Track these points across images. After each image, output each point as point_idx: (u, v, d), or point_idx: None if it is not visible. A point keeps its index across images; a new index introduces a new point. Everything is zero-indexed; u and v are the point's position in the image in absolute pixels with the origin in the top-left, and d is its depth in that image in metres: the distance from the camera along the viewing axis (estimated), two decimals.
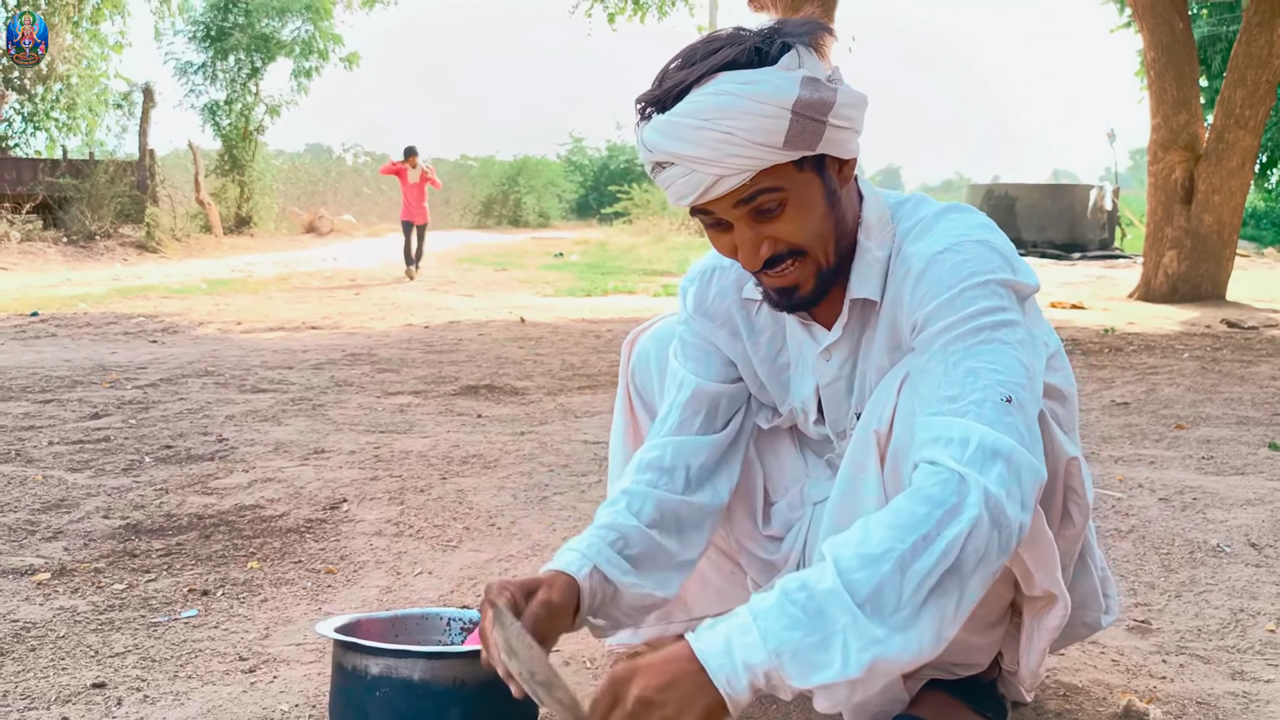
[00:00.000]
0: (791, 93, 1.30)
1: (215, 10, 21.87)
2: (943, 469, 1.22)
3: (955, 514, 1.18)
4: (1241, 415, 4.24)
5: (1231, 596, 2.24)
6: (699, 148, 1.31)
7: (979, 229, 1.41)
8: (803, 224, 1.38)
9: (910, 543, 1.16)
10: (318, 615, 2.11)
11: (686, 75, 1.33)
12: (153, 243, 17.69)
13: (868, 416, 1.44)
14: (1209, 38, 20.57)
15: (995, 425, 1.24)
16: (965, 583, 1.18)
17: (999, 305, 1.33)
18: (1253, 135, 9.54)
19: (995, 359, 1.29)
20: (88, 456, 3.40)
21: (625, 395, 1.83)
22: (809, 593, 1.16)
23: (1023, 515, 1.22)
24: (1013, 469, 1.22)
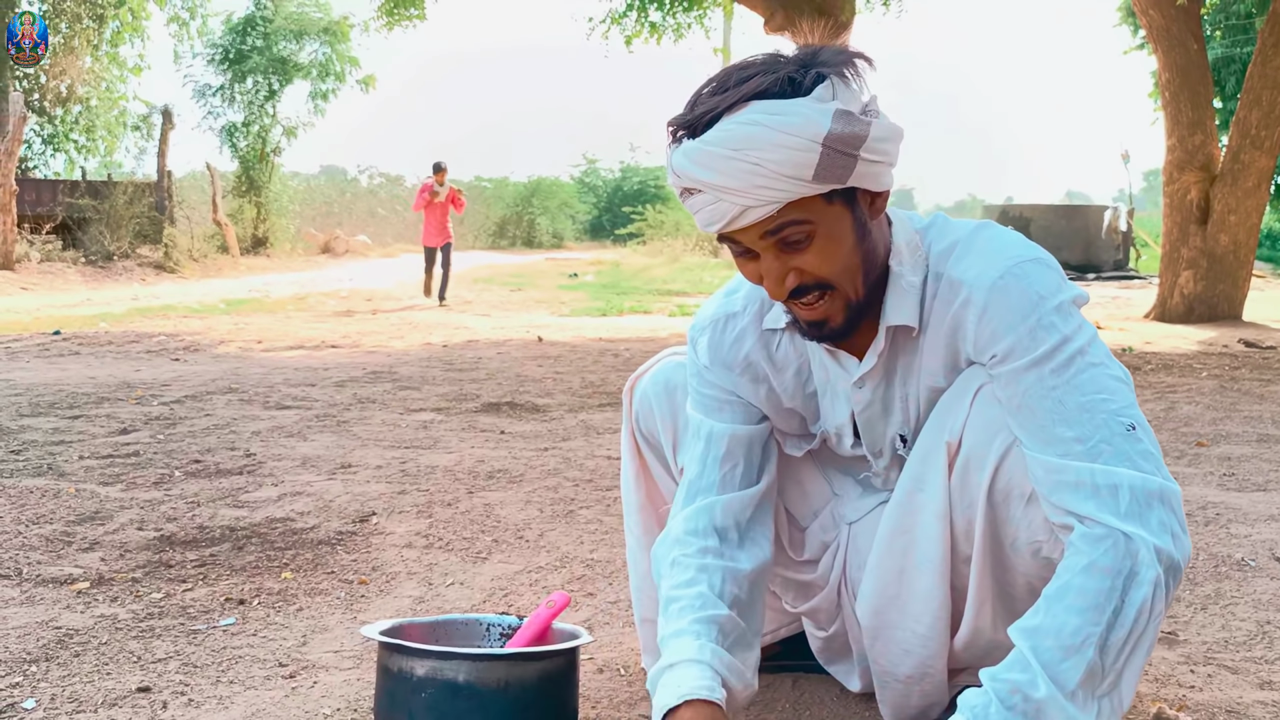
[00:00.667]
0: (823, 126, 1.28)
1: (234, 33, 22.09)
2: (1103, 529, 1.26)
3: (1134, 579, 1.24)
4: (1262, 433, 4.25)
5: (1258, 609, 2.26)
6: (726, 177, 1.30)
7: (1022, 246, 1.42)
8: (830, 257, 1.37)
9: (1104, 623, 1.23)
10: (354, 624, 2.14)
11: (719, 102, 1.31)
12: (170, 263, 17.83)
13: (937, 427, 1.44)
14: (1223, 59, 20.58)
15: (1135, 463, 1.28)
16: (1156, 633, 1.26)
17: (1077, 325, 1.34)
18: (1268, 156, 9.55)
19: (1099, 387, 1.31)
20: (118, 471, 3.44)
21: (631, 441, 1.80)
22: (1025, 698, 1.23)
23: (1186, 545, 1.28)
24: (1168, 505, 1.27)
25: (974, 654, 1.54)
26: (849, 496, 1.66)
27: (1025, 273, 1.36)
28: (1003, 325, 1.36)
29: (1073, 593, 1.25)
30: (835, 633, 1.73)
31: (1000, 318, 1.36)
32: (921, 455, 1.48)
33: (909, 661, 1.55)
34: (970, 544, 1.46)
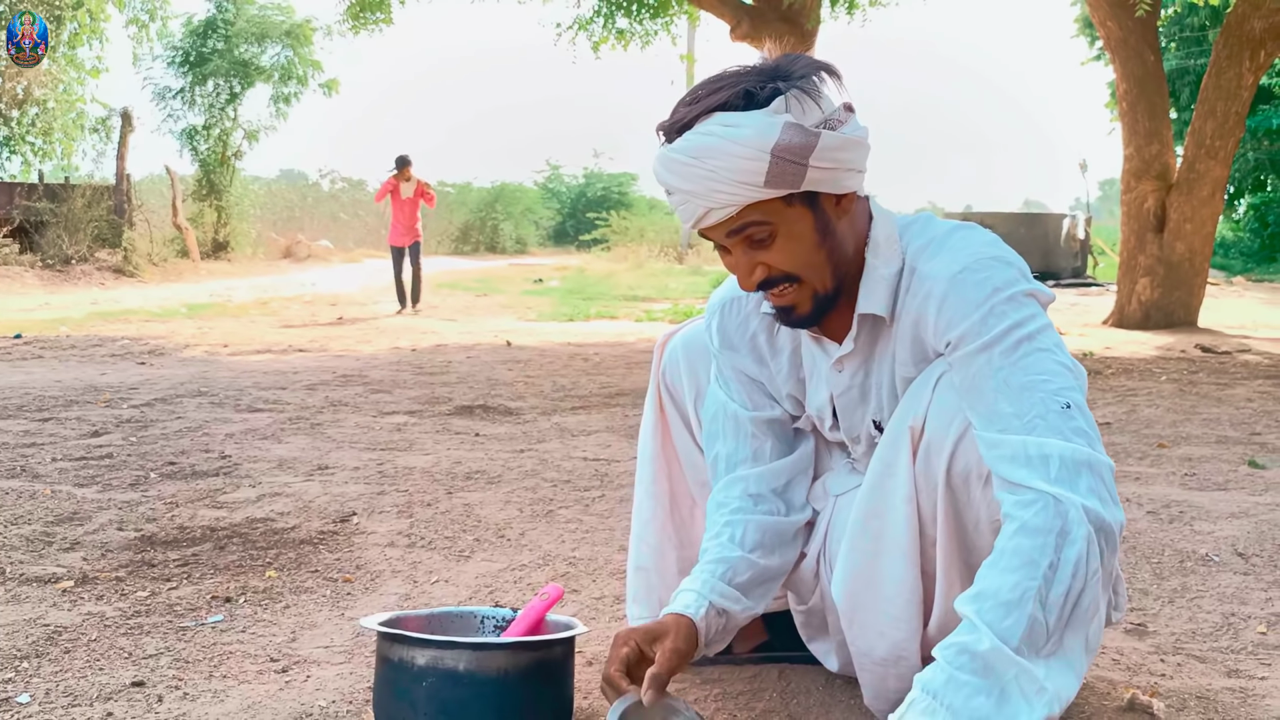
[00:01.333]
0: (771, 137, 1.38)
1: (194, 36, 21.88)
2: (1033, 494, 1.32)
3: (1067, 536, 1.29)
4: (1220, 435, 4.35)
5: (1222, 602, 2.33)
6: (689, 182, 1.42)
7: (990, 245, 1.50)
8: (792, 254, 1.47)
9: (1040, 577, 1.28)
10: (342, 620, 2.16)
11: (688, 112, 1.43)
12: (130, 267, 17.64)
13: (902, 413, 1.52)
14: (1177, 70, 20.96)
15: (1066, 435, 1.34)
16: (1096, 595, 1.30)
17: (1029, 314, 1.42)
18: (1222, 165, 9.75)
19: (1042, 369, 1.39)
20: (93, 472, 3.43)
21: (656, 393, 1.91)
22: (971, 655, 1.27)
23: (1117, 513, 1.33)
24: (1096, 474, 1.33)
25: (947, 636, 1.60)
26: (839, 471, 1.73)
27: (983, 267, 1.45)
28: (958, 314, 1.44)
29: (1007, 555, 1.31)
30: (814, 606, 1.78)
31: (956, 307, 1.44)
32: (889, 441, 1.54)
33: (883, 644, 1.60)
34: (936, 527, 1.53)
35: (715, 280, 16.83)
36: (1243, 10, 9.33)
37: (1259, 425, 4.58)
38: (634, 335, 9.05)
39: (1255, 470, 3.66)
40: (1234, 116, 9.62)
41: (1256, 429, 4.49)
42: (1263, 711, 1.76)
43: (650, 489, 1.92)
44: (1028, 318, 1.42)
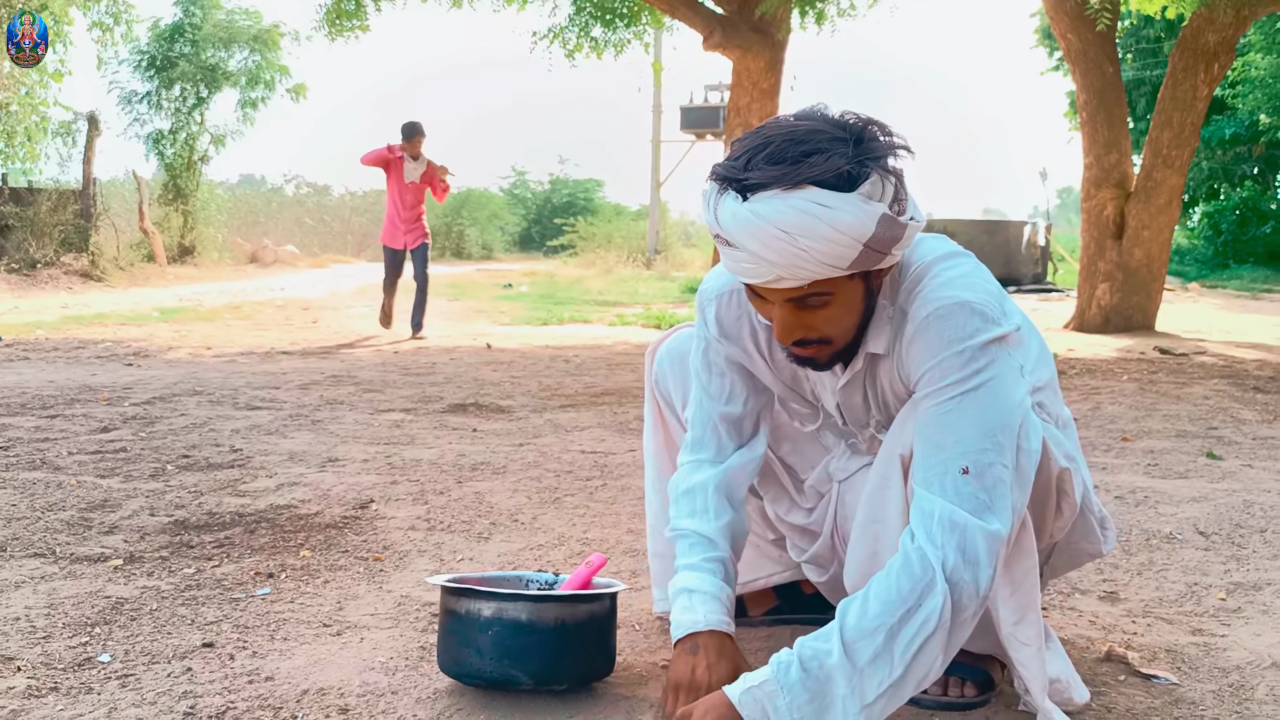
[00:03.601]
0: (869, 229, 1.44)
1: (161, 40, 21.84)
2: (916, 547, 1.51)
3: (931, 589, 1.48)
4: (1180, 429, 4.60)
5: (1186, 573, 2.55)
6: (770, 251, 1.45)
7: (958, 285, 1.58)
8: (838, 321, 1.58)
9: (898, 617, 1.48)
10: (380, 591, 2.32)
11: (776, 175, 1.43)
12: (97, 271, 17.60)
13: (892, 440, 1.67)
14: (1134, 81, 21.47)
15: (952, 498, 1.51)
16: (941, 644, 1.49)
17: (971, 372, 1.53)
18: (1179, 174, 10.07)
19: (960, 430, 1.52)
20: (111, 465, 3.56)
21: (652, 399, 2.10)
22: (820, 664, 1.48)
23: (977, 573, 1.49)
24: (965, 537, 1.49)
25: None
26: (839, 456, 1.92)
27: (947, 314, 1.55)
28: (919, 359, 1.58)
29: (884, 585, 1.50)
30: (834, 575, 1.97)
31: (918, 352, 1.58)
32: (885, 459, 1.71)
33: None
34: None
35: (684, 285, 17.05)
36: (1197, 24, 9.66)
37: (1216, 421, 4.83)
38: (610, 338, 9.22)
39: (1213, 461, 3.90)
40: (1189, 127, 9.95)
41: (1213, 424, 4.74)
42: (1224, 661, 1.97)
43: (657, 485, 2.11)
44: (971, 374, 1.52)
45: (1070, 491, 1.74)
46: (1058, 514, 1.76)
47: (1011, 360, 1.57)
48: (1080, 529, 1.84)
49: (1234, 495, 3.31)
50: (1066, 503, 1.75)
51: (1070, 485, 1.73)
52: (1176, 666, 1.95)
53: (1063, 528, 1.80)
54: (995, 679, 1.79)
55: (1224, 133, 21.42)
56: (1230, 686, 1.86)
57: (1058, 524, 1.77)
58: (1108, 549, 1.88)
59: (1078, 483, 1.76)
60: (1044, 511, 1.73)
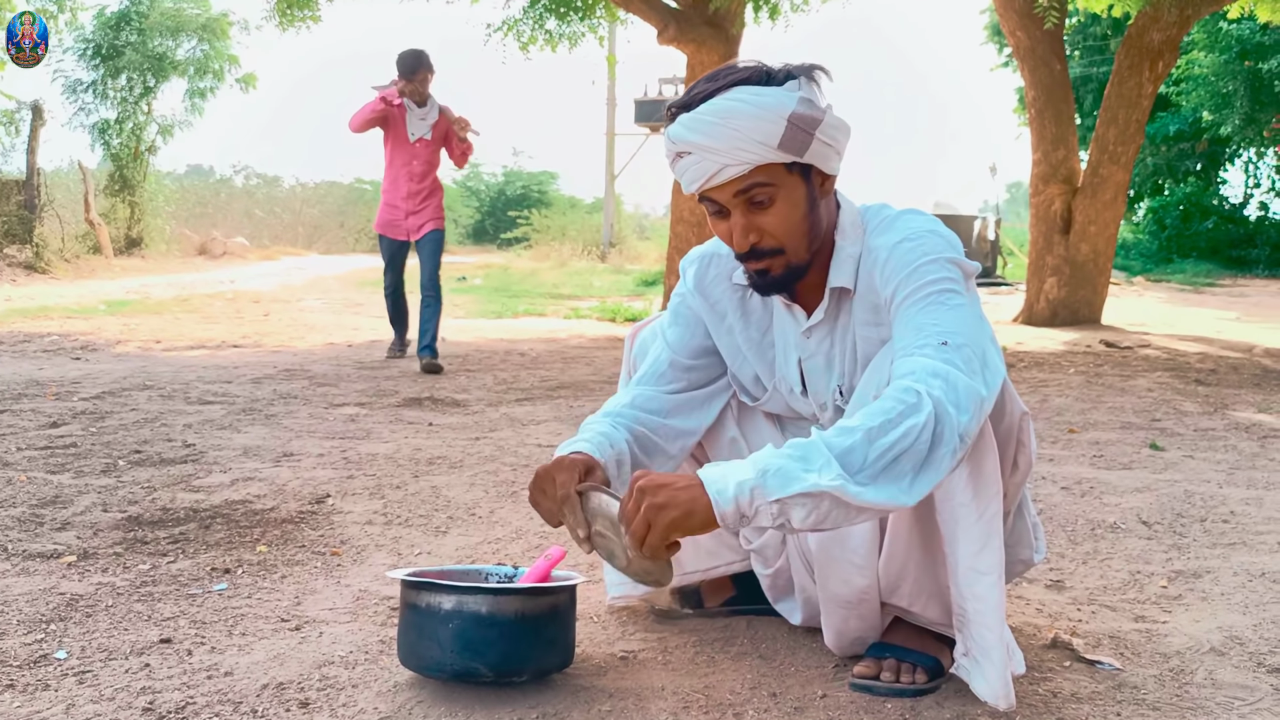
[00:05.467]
0: (789, 106, 1.65)
1: (107, 28, 21.48)
2: (902, 384, 1.56)
3: (915, 409, 1.52)
4: (1124, 421, 4.70)
5: (1129, 562, 2.61)
6: (711, 139, 1.66)
7: (929, 223, 1.79)
8: (784, 220, 1.72)
9: (879, 423, 1.52)
10: (339, 587, 2.33)
11: (710, 85, 1.69)
12: (41, 263, 17.30)
13: (866, 382, 1.75)
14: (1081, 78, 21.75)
15: (933, 357, 1.59)
16: (919, 463, 1.51)
17: (946, 276, 1.69)
18: (1124, 170, 10.24)
19: (937, 316, 1.65)
20: (61, 460, 3.53)
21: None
22: (795, 445, 1.52)
23: (962, 416, 1.53)
24: (949, 383, 1.55)
25: (890, 574, 1.82)
26: None
27: (919, 238, 1.74)
28: (894, 272, 1.72)
29: (868, 407, 1.56)
30: (779, 569, 2.01)
31: (894, 268, 1.72)
32: (861, 400, 1.76)
33: (848, 589, 1.84)
34: None
35: (639, 279, 17.07)
36: (1142, 23, 9.83)
37: (1159, 413, 4.94)
38: (565, 332, 9.23)
39: (1156, 452, 3.99)
40: (1135, 124, 10.12)
41: (1156, 416, 4.85)
42: (1165, 646, 2.03)
43: None
44: (944, 278, 1.68)
45: (1027, 443, 1.79)
46: (1014, 468, 1.80)
47: (975, 296, 1.73)
48: (1018, 533, 1.89)
49: (1175, 485, 3.39)
50: (1023, 455, 1.80)
51: (1027, 436, 1.79)
52: (1120, 652, 2.00)
53: (1017, 486, 1.83)
54: (944, 665, 1.84)
55: (1168, 129, 21.77)
56: (1171, 671, 1.91)
57: (1013, 480, 1.80)
58: (1039, 558, 1.95)
59: (1032, 437, 1.81)
60: (1004, 458, 1.76)
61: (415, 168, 6.42)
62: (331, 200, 33.62)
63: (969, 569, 1.66)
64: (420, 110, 6.39)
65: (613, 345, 7.99)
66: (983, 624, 1.66)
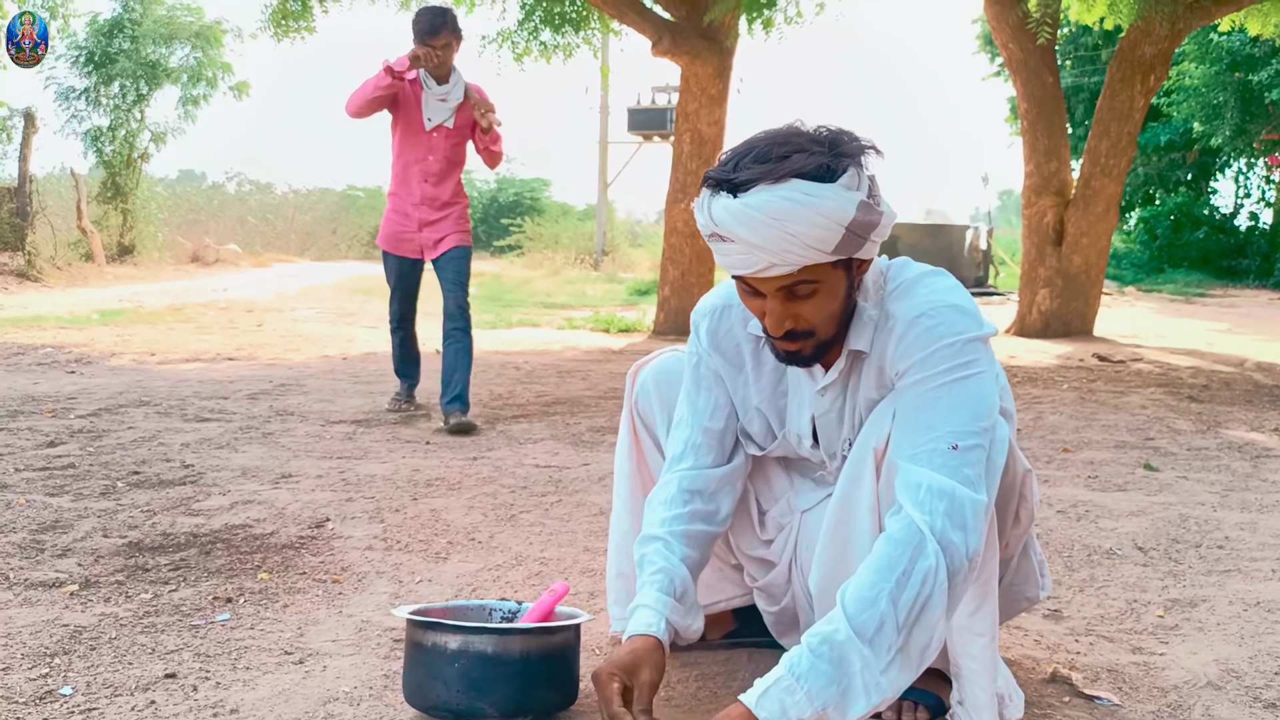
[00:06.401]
0: (849, 213, 1.58)
1: (100, 36, 21.47)
2: (904, 515, 1.59)
3: (921, 551, 1.55)
4: (1119, 440, 4.73)
5: (1126, 590, 2.63)
6: (762, 238, 1.58)
7: (949, 293, 1.73)
8: (823, 310, 1.69)
9: (894, 580, 1.54)
10: (341, 617, 2.34)
11: (763, 172, 1.57)
12: (34, 271, 17.28)
13: (866, 436, 1.76)
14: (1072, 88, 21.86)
15: (941, 470, 1.60)
16: (942, 605, 1.55)
17: (962, 363, 1.65)
18: (1116, 182, 10.30)
19: (951, 412, 1.63)
20: (60, 482, 3.53)
21: (630, 419, 2.14)
22: (830, 645, 1.52)
23: (967, 536, 1.57)
24: (954, 502, 1.58)
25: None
26: (804, 489, 1.97)
27: (938, 314, 1.69)
28: (908, 351, 1.69)
29: (874, 557, 1.58)
30: (785, 607, 2.02)
31: (909, 345, 1.69)
32: (856, 459, 1.78)
33: None
34: None
35: (632, 288, 17.10)
36: (1134, 37, 9.89)
37: (1152, 431, 4.97)
38: (559, 343, 9.24)
39: (1150, 473, 4.02)
40: (1126, 136, 10.18)
41: (1150, 434, 4.87)
42: (1163, 680, 2.05)
43: (628, 504, 2.15)
44: (961, 364, 1.65)
45: (1029, 497, 1.82)
46: (1015, 521, 1.83)
47: (992, 365, 1.71)
48: (1023, 572, 1.91)
49: (1170, 509, 3.42)
50: (1025, 509, 1.83)
51: (1029, 491, 1.81)
52: (1118, 687, 2.02)
53: (1019, 538, 1.86)
54: (946, 703, 1.85)
55: (1159, 139, 21.88)
56: (1169, 707, 1.93)
57: (1015, 532, 1.84)
58: (1044, 594, 1.97)
59: (1034, 491, 1.83)
60: (1005, 514, 1.80)
61: (431, 165, 4.89)
62: (324, 207, 33.64)
63: (963, 628, 1.69)
64: (440, 89, 4.84)
65: (607, 358, 8.00)
66: (975, 683, 1.69)
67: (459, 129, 4.93)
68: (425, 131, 4.87)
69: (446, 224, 4.95)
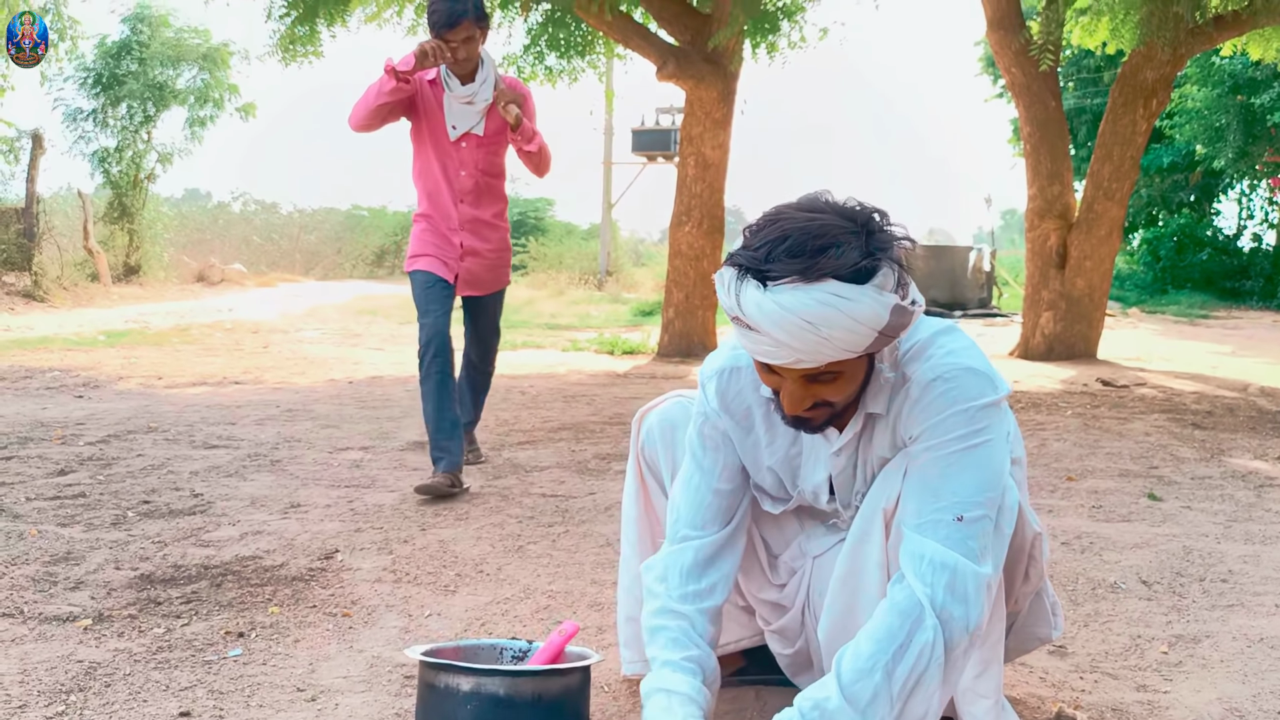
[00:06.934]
0: (882, 318, 1.57)
1: (108, 58, 21.60)
2: (906, 585, 1.62)
3: (920, 624, 1.59)
4: (1122, 468, 4.74)
5: (1130, 625, 2.65)
6: (793, 339, 1.57)
7: (963, 354, 1.74)
8: (844, 390, 1.71)
9: (891, 653, 1.58)
10: (351, 652, 2.36)
11: (796, 268, 1.54)
12: (40, 292, 17.36)
13: (875, 495, 1.78)
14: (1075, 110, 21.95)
15: (945, 542, 1.63)
16: (938, 678, 1.58)
17: (974, 429, 1.67)
18: (1119, 206, 10.34)
19: (959, 482, 1.66)
20: (71, 512, 3.56)
21: (636, 465, 2.16)
22: (821, 711, 1.57)
23: (968, 610, 1.61)
24: (956, 575, 1.61)
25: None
26: (815, 534, 1.99)
27: (954, 377, 1.70)
28: (924, 415, 1.71)
29: (874, 625, 1.62)
30: (799, 649, 2.04)
31: (924, 410, 1.71)
32: (866, 516, 1.81)
33: None
34: None
35: (635, 309, 17.14)
36: (1136, 62, 9.94)
37: (1156, 459, 4.99)
38: (564, 366, 9.27)
39: (1154, 503, 4.04)
40: (1129, 160, 10.22)
41: (1154, 463, 4.89)
42: (1167, 719, 2.07)
43: (636, 548, 2.17)
44: (974, 431, 1.67)
45: (1039, 558, 1.85)
46: (1025, 580, 1.86)
47: (1004, 425, 1.73)
48: (1036, 612, 1.94)
49: (1174, 541, 3.43)
50: (1034, 569, 1.86)
51: (1039, 552, 1.85)
52: None
53: (1028, 594, 1.90)
54: None
55: (1162, 161, 21.93)
56: None
57: (1024, 589, 1.88)
58: (1056, 634, 1.99)
59: (1045, 550, 1.86)
60: (1014, 574, 1.83)
61: (464, 182, 4.03)
62: (329, 226, 33.73)
63: (968, 689, 1.72)
64: (464, 89, 3.93)
65: (612, 382, 8.03)
66: None
67: (492, 136, 4.04)
68: (451, 142, 4.01)
69: (491, 258, 4.19)
